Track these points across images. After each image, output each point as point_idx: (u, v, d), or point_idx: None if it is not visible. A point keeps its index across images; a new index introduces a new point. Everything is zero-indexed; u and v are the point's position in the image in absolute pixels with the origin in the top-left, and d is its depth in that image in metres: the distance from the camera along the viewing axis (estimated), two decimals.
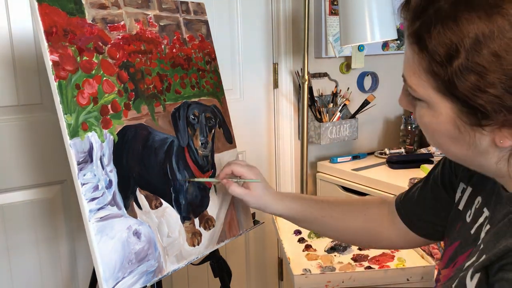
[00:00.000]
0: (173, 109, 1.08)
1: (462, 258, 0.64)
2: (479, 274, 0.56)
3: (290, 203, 0.95)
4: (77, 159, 0.86)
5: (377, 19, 1.60)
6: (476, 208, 0.66)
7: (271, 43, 1.96)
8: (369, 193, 1.77)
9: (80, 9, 0.93)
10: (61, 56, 0.87)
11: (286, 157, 2.02)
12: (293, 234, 1.32)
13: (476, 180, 0.69)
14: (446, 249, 0.71)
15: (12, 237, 1.45)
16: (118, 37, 0.99)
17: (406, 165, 1.90)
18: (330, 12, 2.00)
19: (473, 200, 0.68)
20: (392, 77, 2.33)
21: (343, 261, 1.17)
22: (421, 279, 1.08)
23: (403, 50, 2.30)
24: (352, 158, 2.07)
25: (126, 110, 0.97)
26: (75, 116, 0.87)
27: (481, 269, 0.56)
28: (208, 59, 1.22)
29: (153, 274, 0.95)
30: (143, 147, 1.00)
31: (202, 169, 1.12)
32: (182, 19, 1.17)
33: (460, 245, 0.67)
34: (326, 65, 2.08)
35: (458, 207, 0.72)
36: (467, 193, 0.71)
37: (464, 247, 0.65)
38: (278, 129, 2.02)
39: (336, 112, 2.03)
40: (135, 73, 1.01)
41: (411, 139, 2.09)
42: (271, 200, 0.96)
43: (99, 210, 0.88)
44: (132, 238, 0.93)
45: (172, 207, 1.04)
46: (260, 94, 1.97)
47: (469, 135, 0.55)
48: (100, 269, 0.86)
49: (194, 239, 1.07)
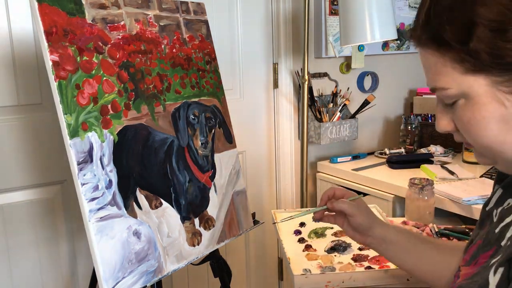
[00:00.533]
0: (173, 109, 1.08)
1: (484, 256, 0.63)
2: (502, 268, 0.56)
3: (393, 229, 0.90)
4: (77, 159, 0.86)
5: (377, 19, 1.60)
6: (505, 209, 0.64)
7: (271, 43, 1.96)
8: (369, 193, 1.77)
9: (80, 9, 0.93)
10: (61, 56, 0.87)
11: (286, 157, 2.02)
12: (293, 234, 1.32)
13: (509, 183, 0.67)
14: (470, 247, 0.70)
15: (12, 237, 1.45)
16: (118, 37, 0.99)
17: (406, 165, 1.90)
18: (330, 12, 2.00)
19: (503, 201, 0.66)
20: (392, 77, 2.33)
21: (343, 261, 1.17)
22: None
23: (403, 50, 2.30)
24: (352, 158, 2.07)
25: (126, 110, 0.97)
26: (75, 116, 0.87)
27: (505, 263, 0.56)
28: (208, 59, 1.22)
29: (153, 274, 0.95)
30: (143, 147, 1.00)
31: (202, 169, 1.12)
32: (182, 19, 1.17)
33: (483, 243, 0.66)
34: (326, 65, 2.08)
35: (486, 208, 0.70)
36: (497, 194, 0.69)
37: (486, 245, 0.65)
38: (278, 129, 2.02)
39: (336, 112, 2.03)
40: (135, 73, 1.01)
41: (411, 139, 2.09)
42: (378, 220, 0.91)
43: (99, 210, 0.88)
44: (132, 238, 0.93)
45: (172, 207, 1.04)
46: (260, 94, 1.97)
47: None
48: (100, 269, 0.86)
49: (194, 239, 1.07)
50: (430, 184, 1.31)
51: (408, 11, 2.29)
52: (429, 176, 1.71)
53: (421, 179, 1.33)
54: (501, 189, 0.68)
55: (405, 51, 2.32)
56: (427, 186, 1.31)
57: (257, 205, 1.99)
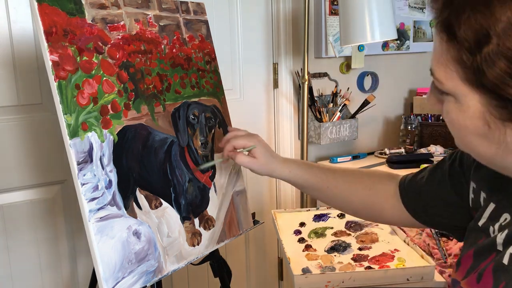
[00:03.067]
0: (173, 109, 1.08)
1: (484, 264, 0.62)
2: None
3: (296, 169, 0.97)
4: (77, 159, 0.86)
5: (377, 19, 1.60)
6: (502, 225, 0.62)
7: (271, 43, 1.96)
8: None
9: (80, 9, 0.93)
10: (61, 56, 0.87)
11: (286, 157, 2.02)
12: (293, 234, 1.32)
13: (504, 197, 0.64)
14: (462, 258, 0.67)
15: (12, 237, 1.45)
16: (118, 37, 0.99)
17: (406, 165, 1.90)
18: (330, 12, 2.00)
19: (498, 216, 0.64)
20: (392, 77, 2.33)
21: (343, 261, 1.17)
22: (421, 279, 1.08)
23: (403, 50, 2.30)
24: (352, 158, 2.08)
25: (126, 110, 0.97)
26: (75, 116, 0.87)
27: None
28: (208, 59, 1.22)
29: (153, 274, 0.95)
30: (143, 147, 1.00)
31: (201, 169, 1.12)
32: (182, 19, 1.17)
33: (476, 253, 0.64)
34: (326, 65, 2.08)
35: (479, 223, 0.67)
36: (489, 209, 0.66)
37: (483, 253, 0.63)
38: (278, 129, 2.02)
39: (336, 112, 2.03)
40: (135, 73, 1.01)
41: (411, 139, 2.09)
42: (277, 165, 0.99)
43: (99, 210, 0.88)
44: (132, 238, 0.93)
45: (172, 207, 1.04)
46: (260, 94, 1.97)
47: (499, 131, 0.52)
48: (100, 269, 0.86)
49: (194, 239, 1.07)
50: None
51: (408, 11, 2.29)
52: None
53: None
54: (493, 203, 0.66)
55: (405, 51, 2.32)
56: None
57: (257, 205, 1.99)
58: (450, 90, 0.55)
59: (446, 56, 0.53)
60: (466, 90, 0.53)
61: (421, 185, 0.82)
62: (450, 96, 0.56)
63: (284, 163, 0.99)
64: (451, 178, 0.76)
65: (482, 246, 0.64)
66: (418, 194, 0.82)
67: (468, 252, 0.66)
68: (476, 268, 0.63)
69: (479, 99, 0.52)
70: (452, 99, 0.55)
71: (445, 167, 0.78)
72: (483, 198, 0.68)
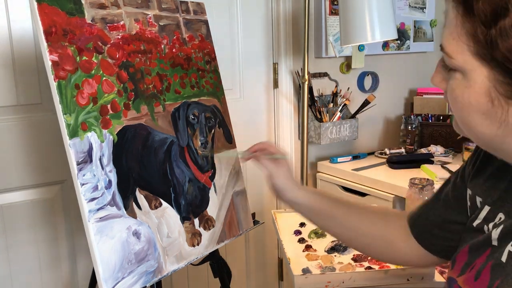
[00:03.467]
0: (173, 109, 1.08)
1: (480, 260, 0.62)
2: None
3: (311, 194, 0.94)
4: (77, 159, 0.86)
5: (377, 19, 1.60)
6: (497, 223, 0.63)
7: (271, 43, 1.96)
8: (369, 193, 1.77)
9: (79, 9, 0.93)
10: (61, 56, 0.87)
11: None
12: (293, 234, 1.32)
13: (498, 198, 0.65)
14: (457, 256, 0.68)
15: (12, 237, 1.44)
16: (117, 37, 0.99)
17: (406, 165, 1.90)
18: (330, 12, 2.00)
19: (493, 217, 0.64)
20: (392, 77, 2.33)
21: (343, 261, 1.17)
22: (421, 279, 1.08)
23: (403, 50, 2.30)
24: (352, 158, 2.07)
25: (125, 110, 0.97)
26: (74, 116, 0.87)
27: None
28: (208, 59, 1.22)
29: (152, 274, 0.95)
30: (142, 147, 0.99)
31: (202, 169, 1.12)
32: (182, 19, 1.17)
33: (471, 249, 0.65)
34: (326, 65, 2.08)
35: (474, 224, 0.68)
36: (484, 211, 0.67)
37: (479, 249, 0.63)
38: (278, 129, 2.02)
39: (336, 112, 2.03)
40: (135, 73, 1.01)
41: (411, 139, 2.09)
42: (293, 185, 0.95)
43: (98, 210, 0.88)
44: (132, 238, 0.92)
45: (172, 207, 1.04)
46: (260, 94, 1.97)
47: (502, 109, 0.53)
48: (99, 269, 0.85)
49: (194, 239, 1.07)
50: (430, 184, 1.31)
51: (408, 11, 2.28)
52: (430, 176, 1.71)
53: (421, 179, 1.33)
54: (487, 206, 0.66)
55: (405, 51, 2.32)
56: (428, 186, 1.30)
57: (257, 205, 1.99)
58: (459, 65, 0.55)
59: (460, 29, 0.54)
60: (475, 65, 0.53)
61: (427, 210, 0.81)
62: (457, 73, 0.56)
63: (301, 186, 0.96)
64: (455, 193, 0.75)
65: (477, 243, 0.64)
66: (426, 219, 0.80)
67: (463, 249, 0.67)
68: (471, 264, 0.63)
69: (487, 74, 0.53)
70: (459, 76, 0.56)
71: (449, 187, 0.77)
72: (479, 202, 0.69)
